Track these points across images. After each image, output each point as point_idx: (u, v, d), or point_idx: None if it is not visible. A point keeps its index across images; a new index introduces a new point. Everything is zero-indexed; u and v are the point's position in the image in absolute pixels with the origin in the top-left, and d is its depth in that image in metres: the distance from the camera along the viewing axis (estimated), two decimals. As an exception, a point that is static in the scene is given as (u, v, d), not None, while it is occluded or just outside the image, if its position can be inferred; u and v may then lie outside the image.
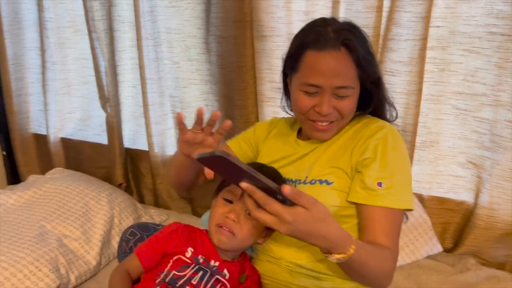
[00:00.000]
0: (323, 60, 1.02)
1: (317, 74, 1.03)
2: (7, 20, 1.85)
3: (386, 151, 1.06)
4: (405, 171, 1.09)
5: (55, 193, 1.66)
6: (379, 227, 1.04)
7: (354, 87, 1.05)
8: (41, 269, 1.31)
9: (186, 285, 1.07)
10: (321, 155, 1.14)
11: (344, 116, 1.08)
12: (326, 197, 1.10)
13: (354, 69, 1.03)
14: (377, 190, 1.03)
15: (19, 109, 2.00)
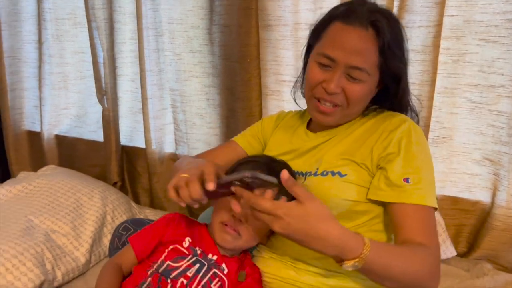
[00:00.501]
0: (347, 34, 0.96)
1: (336, 46, 0.97)
2: (4, 12, 1.81)
3: (411, 145, 0.98)
4: (430, 167, 1.01)
5: (46, 188, 1.57)
6: (414, 225, 0.94)
7: (370, 73, 0.98)
8: (25, 263, 1.22)
9: (181, 277, 0.98)
10: (333, 146, 1.07)
11: (351, 103, 1.00)
12: (339, 189, 1.02)
13: (376, 55, 0.96)
14: (403, 186, 0.95)
15: (13, 104, 1.94)
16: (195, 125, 1.66)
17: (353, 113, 1.04)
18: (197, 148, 1.68)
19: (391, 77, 1.00)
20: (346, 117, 1.04)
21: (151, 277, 0.99)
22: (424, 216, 0.97)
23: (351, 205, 1.01)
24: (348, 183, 1.01)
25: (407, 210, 0.96)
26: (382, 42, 0.94)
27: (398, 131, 0.99)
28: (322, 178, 1.04)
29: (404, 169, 0.97)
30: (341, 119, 1.04)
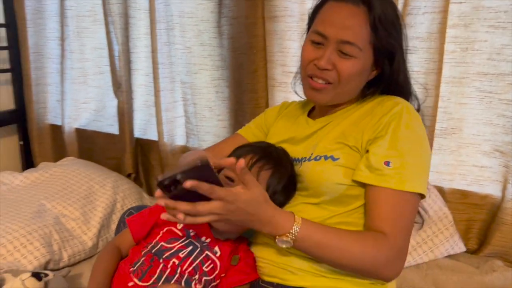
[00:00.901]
0: (338, 10, 0.98)
1: (327, 22, 0.98)
2: (30, 10, 1.90)
3: (399, 128, 0.97)
4: (419, 152, 0.98)
5: (61, 176, 1.64)
6: (379, 211, 0.95)
7: (362, 49, 0.97)
8: (32, 243, 1.27)
9: (173, 257, 1.00)
10: (329, 132, 1.07)
11: (342, 80, 0.99)
12: (331, 173, 1.01)
13: (367, 30, 0.96)
14: (382, 170, 0.94)
15: (37, 99, 2.02)
16: (205, 118, 1.69)
17: (345, 92, 1.03)
18: (206, 141, 1.70)
19: (384, 55, 0.99)
20: (339, 95, 1.03)
21: (144, 257, 1.02)
22: (398, 203, 0.95)
23: (343, 189, 1.00)
24: (340, 166, 1.01)
25: (382, 194, 0.95)
26: (373, 18, 0.94)
27: (389, 114, 0.98)
28: (315, 162, 1.04)
29: (387, 151, 0.95)
30: (334, 97, 1.04)
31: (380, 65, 1.02)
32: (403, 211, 0.96)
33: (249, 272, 1.06)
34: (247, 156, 1.09)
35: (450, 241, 1.32)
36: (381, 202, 0.95)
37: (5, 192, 1.53)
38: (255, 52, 1.48)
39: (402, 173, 0.94)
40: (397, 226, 0.94)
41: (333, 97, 1.04)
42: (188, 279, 0.99)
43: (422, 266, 1.32)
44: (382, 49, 0.98)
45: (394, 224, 0.94)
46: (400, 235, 0.94)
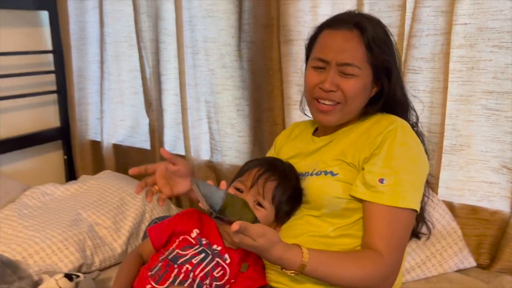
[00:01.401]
0: (333, 37, 1.07)
1: (326, 49, 1.07)
2: (74, 37, 2.09)
3: (393, 146, 1.03)
4: (413, 169, 1.05)
5: (97, 188, 1.79)
6: (375, 228, 1.02)
7: (361, 68, 1.06)
8: (68, 248, 1.42)
9: (186, 263, 1.10)
10: (331, 149, 1.15)
11: (348, 98, 1.07)
12: (330, 187, 1.10)
13: (363, 50, 1.05)
14: (376, 187, 1.01)
15: (79, 117, 2.20)
16: (227, 134, 1.80)
17: (352, 110, 1.11)
18: (228, 156, 1.81)
19: (382, 71, 1.07)
20: (346, 115, 1.11)
21: (161, 263, 1.13)
22: (392, 219, 1.01)
23: (342, 203, 1.08)
24: (339, 181, 1.09)
25: (376, 210, 1.02)
26: (367, 39, 1.03)
27: (383, 132, 1.05)
28: (316, 177, 1.13)
29: (382, 169, 1.02)
30: (342, 117, 1.12)
31: (379, 81, 1.10)
32: (397, 227, 1.03)
33: (257, 279, 1.15)
34: (255, 168, 1.19)
35: (459, 256, 1.35)
36: (376, 218, 1.02)
37: (47, 201, 1.71)
38: (271, 73, 1.58)
39: (395, 189, 1.00)
40: (391, 244, 1.01)
41: (340, 117, 1.12)
42: (200, 283, 1.09)
43: (432, 279, 1.35)
44: (379, 66, 1.07)
45: (388, 242, 1.00)
46: (394, 252, 1.01)
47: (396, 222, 1.02)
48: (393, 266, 1.01)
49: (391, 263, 1.00)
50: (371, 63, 1.06)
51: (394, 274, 1.03)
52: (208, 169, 1.89)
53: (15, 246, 1.37)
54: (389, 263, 1.00)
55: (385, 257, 0.99)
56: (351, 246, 1.09)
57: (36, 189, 1.77)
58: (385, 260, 0.99)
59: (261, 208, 1.15)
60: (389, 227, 1.01)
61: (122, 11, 1.98)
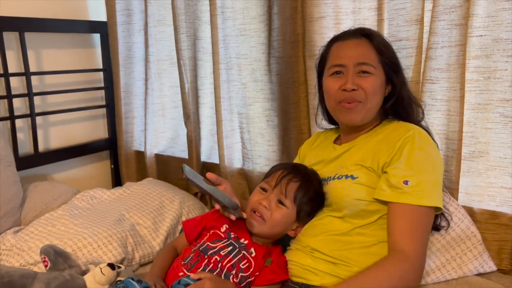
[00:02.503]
0: (346, 45, 1.21)
1: (341, 55, 1.20)
2: (122, 57, 2.29)
3: (413, 150, 1.12)
4: (433, 171, 1.13)
5: (139, 192, 1.95)
6: (399, 225, 1.09)
7: (376, 67, 1.17)
8: (112, 243, 1.57)
9: (216, 255, 1.22)
10: (351, 155, 1.25)
11: (368, 95, 1.18)
12: (350, 190, 1.19)
13: (374, 53, 1.18)
14: (402, 188, 1.09)
15: (126, 129, 2.38)
16: (257, 143, 1.92)
17: (373, 107, 1.20)
18: (259, 164, 1.92)
19: (392, 69, 1.19)
20: (368, 112, 1.21)
21: (193, 253, 1.25)
22: (415, 218, 1.08)
23: (362, 204, 1.17)
24: (359, 184, 1.18)
25: (401, 209, 1.09)
26: (376, 43, 1.16)
27: (402, 139, 1.14)
28: (338, 181, 1.23)
29: (405, 172, 1.10)
30: (365, 115, 1.21)
31: (390, 80, 1.20)
32: (421, 224, 1.10)
33: (279, 273, 1.24)
34: (279, 170, 1.30)
35: (479, 259, 1.37)
36: (401, 217, 1.10)
37: (95, 204, 1.88)
38: (297, 85, 1.69)
39: (420, 190, 1.08)
40: (415, 239, 1.07)
41: (364, 115, 1.22)
42: (227, 273, 1.20)
43: (452, 282, 1.38)
44: (389, 65, 1.18)
45: (412, 237, 1.07)
46: (418, 247, 1.07)
47: (420, 220, 1.09)
48: (418, 262, 1.07)
49: (417, 258, 1.06)
50: (382, 63, 1.18)
51: (421, 267, 1.08)
52: (240, 177, 2.01)
53: (67, 240, 1.54)
54: (415, 259, 1.06)
55: (410, 254, 1.05)
56: (366, 244, 1.16)
57: (85, 192, 1.96)
58: (411, 257, 1.05)
59: (283, 206, 1.25)
60: (413, 225, 1.08)
61: (164, 32, 2.17)
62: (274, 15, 1.73)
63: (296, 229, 1.30)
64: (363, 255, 1.14)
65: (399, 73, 1.20)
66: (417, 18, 1.43)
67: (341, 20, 1.59)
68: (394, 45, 1.46)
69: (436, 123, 1.44)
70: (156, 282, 1.19)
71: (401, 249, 1.07)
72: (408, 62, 1.48)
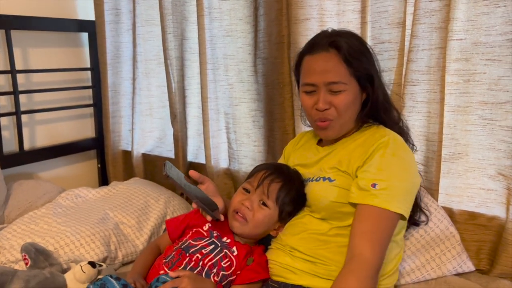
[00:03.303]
0: (315, 61, 1.19)
1: (311, 73, 1.19)
2: (110, 56, 2.29)
3: (385, 155, 1.13)
4: (404, 178, 1.13)
5: (124, 191, 1.95)
6: (361, 227, 1.08)
7: (347, 82, 1.16)
8: (94, 242, 1.57)
9: (197, 253, 1.23)
10: (331, 158, 1.27)
11: (340, 112, 1.18)
12: (326, 192, 1.20)
13: (344, 66, 1.16)
14: (370, 190, 1.09)
15: (113, 128, 2.37)
16: (243, 144, 1.93)
17: (347, 121, 1.21)
18: (245, 164, 1.93)
19: (365, 79, 1.17)
20: (343, 126, 1.22)
21: (175, 251, 1.26)
22: (380, 220, 1.07)
23: (338, 206, 1.18)
24: (336, 187, 1.19)
25: (366, 211, 1.09)
26: (344, 55, 1.14)
27: (376, 144, 1.15)
28: (316, 183, 1.24)
29: (375, 175, 1.11)
30: (340, 129, 1.23)
31: (365, 89, 1.20)
32: (383, 228, 1.08)
33: (260, 272, 1.25)
34: (262, 171, 1.31)
35: (457, 260, 1.39)
36: (363, 217, 1.10)
37: (80, 202, 1.88)
38: (282, 86, 1.71)
39: (387, 193, 1.08)
40: (375, 242, 1.06)
41: (339, 130, 1.23)
42: (208, 271, 1.21)
43: (431, 282, 1.40)
44: (361, 76, 1.17)
45: (369, 238, 1.06)
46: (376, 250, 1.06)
47: (383, 224, 1.08)
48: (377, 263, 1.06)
49: (375, 261, 1.05)
50: (354, 75, 1.17)
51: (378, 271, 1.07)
52: (226, 177, 2.02)
53: (49, 238, 1.54)
54: (373, 262, 1.05)
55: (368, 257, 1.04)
56: (345, 244, 1.16)
57: (70, 191, 1.95)
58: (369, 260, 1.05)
59: (265, 207, 1.26)
60: (375, 228, 1.07)
61: (152, 32, 2.17)
62: (260, 17, 1.75)
63: (278, 229, 1.31)
64: (341, 254, 1.14)
65: (373, 80, 1.18)
66: (399, 21, 1.45)
67: (325, 22, 1.61)
68: (377, 47, 1.50)
69: (416, 124, 1.46)
70: (137, 280, 1.20)
71: (359, 252, 1.06)
72: (391, 64, 1.50)
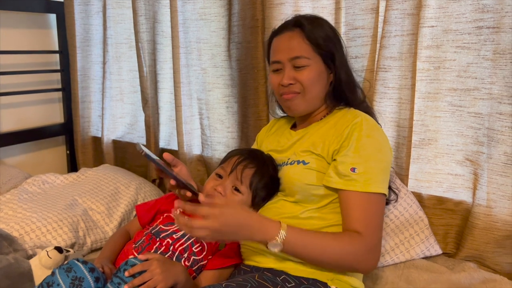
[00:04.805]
0: (280, 40, 1.22)
1: (277, 52, 1.21)
2: (79, 39, 2.23)
3: (360, 138, 1.14)
4: (380, 158, 1.14)
5: (94, 178, 1.91)
6: (353, 213, 1.10)
7: (310, 57, 1.18)
8: (62, 228, 1.53)
9: (168, 238, 1.21)
10: (304, 141, 1.27)
11: (305, 87, 1.19)
12: (301, 175, 1.20)
13: (307, 43, 1.18)
14: (350, 175, 1.11)
15: (82, 114, 2.32)
16: (217, 130, 1.91)
17: (314, 96, 1.22)
18: (218, 150, 1.92)
19: (328, 57, 1.19)
20: (310, 101, 1.22)
21: (145, 237, 1.24)
22: (367, 203, 1.09)
23: (312, 189, 1.18)
24: (310, 169, 1.19)
25: (351, 197, 1.10)
26: (307, 33, 1.17)
27: (349, 126, 1.15)
28: (290, 166, 1.24)
29: (353, 159, 1.12)
30: (308, 105, 1.23)
31: (331, 69, 1.21)
32: (372, 211, 1.11)
33: (232, 257, 1.24)
34: (235, 156, 1.29)
35: (425, 243, 1.43)
36: (352, 204, 1.11)
37: (47, 189, 1.83)
38: (256, 71, 1.69)
39: (366, 177, 1.10)
40: (369, 226, 1.09)
41: (306, 105, 1.23)
42: (179, 256, 1.19)
43: (400, 265, 1.42)
44: (324, 53, 1.19)
45: (366, 224, 1.08)
46: (373, 233, 1.09)
47: (371, 206, 1.11)
48: (371, 245, 1.08)
49: (370, 242, 1.08)
50: (317, 52, 1.19)
51: (373, 253, 1.09)
52: (199, 163, 2.00)
53: (13, 224, 1.49)
54: (368, 241, 1.07)
55: (364, 236, 1.07)
56: (317, 226, 1.18)
57: (37, 177, 1.89)
58: (364, 238, 1.07)
59: (238, 193, 1.25)
60: (365, 211, 1.09)
61: (123, 14, 2.12)
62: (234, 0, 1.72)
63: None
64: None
65: (335, 59, 1.20)
66: (372, 7, 1.46)
67: (300, 7, 1.60)
68: (350, 33, 1.50)
69: (388, 110, 1.47)
70: (105, 264, 1.17)
71: (356, 231, 1.09)
72: (364, 50, 1.50)
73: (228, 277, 1.21)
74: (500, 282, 1.26)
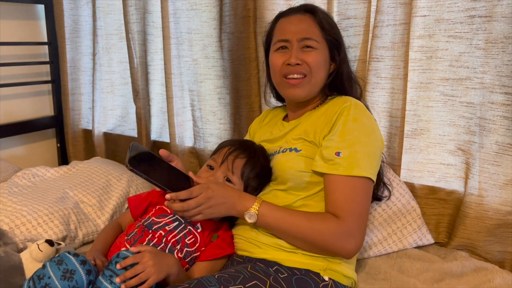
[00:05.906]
0: (290, 21, 1.21)
1: (285, 30, 1.20)
2: (68, 30, 2.20)
3: (347, 122, 1.13)
4: (366, 142, 1.14)
5: (85, 170, 1.89)
6: (333, 197, 1.11)
7: (319, 41, 1.19)
8: (53, 221, 1.51)
9: (160, 230, 1.20)
10: (296, 130, 1.26)
11: (312, 69, 1.19)
12: (294, 162, 1.20)
13: (317, 28, 1.19)
14: (334, 159, 1.10)
15: (72, 106, 2.29)
16: (209, 121, 1.89)
17: (317, 82, 1.21)
18: (210, 142, 1.91)
19: (333, 45, 1.20)
20: (313, 87, 1.22)
21: (137, 229, 1.22)
22: (348, 187, 1.09)
23: (305, 176, 1.18)
24: (302, 157, 1.18)
25: (333, 181, 1.10)
26: (319, 19, 1.18)
27: (338, 111, 1.15)
28: (282, 154, 1.23)
29: (338, 143, 1.11)
30: (310, 90, 1.22)
31: (333, 58, 1.21)
32: (354, 195, 1.10)
33: (225, 248, 1.24)
34: (226, 147, 1.29)
35: (418, 233, 1.43)
36: (334, 188, 1.11)
37: (37, 182, 1.80)
38: (248, 62, 1.68)
39: (350, 161, 1.10)
40: (348, 210, 1.08)
41: (309, 90, 1.22)
42: (171, 248, 1.18)
43: (392, 255, 1.43)
44: (331, 41, 1.20)
45: (344, 207, 1.08)
46: (352, 217, 1.08)
47: (353, 190, 1.10)
48: (348, 228, 1.07)
49: (349, 224, 1.07)
50: (325, 39, 1.19)
51: (351, 238, 1.08)
52: (191, 155, 1.98)
53: (3, 217, 1.47)
54: (347, 224, 1.07)
55: (341, 219, 1.07)
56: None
57: (27, 170, 1.87)
58: (342, 220, 1.07)
59: (230, 183, 1.24)
60: (346, 195, 1.09)
61: (113, 5, 2.09)
62: (225, -11, 1.71)
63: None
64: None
65: (340, 49, 1.22)
66: (365, -3, 1.45)
67: (292, -4, 1.58)
68: (343, 23, 1.49)
69: (380, 101, 1.47)
70: (96, 256, 1.16)
71: (334, 214, 1.09)
72: (356, 40, 1.50)
73: (221, 268, 1.20)
74: (492, 271, 1.27)
